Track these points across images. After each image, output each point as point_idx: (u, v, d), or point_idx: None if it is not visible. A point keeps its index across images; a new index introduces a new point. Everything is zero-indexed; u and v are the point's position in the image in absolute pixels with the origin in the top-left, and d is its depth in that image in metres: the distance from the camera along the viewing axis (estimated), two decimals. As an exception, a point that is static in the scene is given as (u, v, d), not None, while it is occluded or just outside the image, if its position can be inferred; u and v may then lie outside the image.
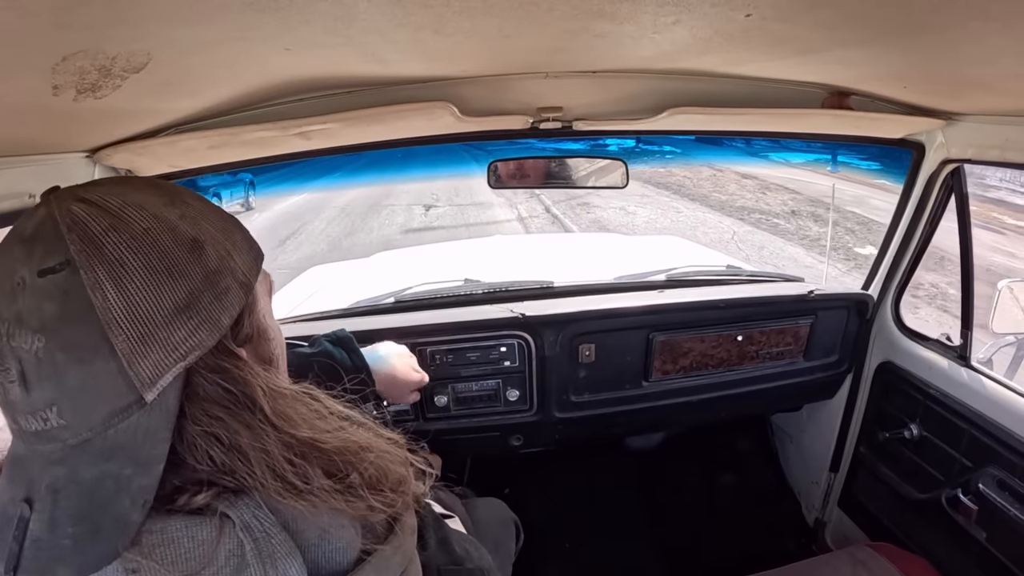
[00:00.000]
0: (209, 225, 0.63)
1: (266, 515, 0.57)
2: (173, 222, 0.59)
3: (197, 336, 0.57)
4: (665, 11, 0.79)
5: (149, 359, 0.54)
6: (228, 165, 1.55)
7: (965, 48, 0.91)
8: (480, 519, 1.52)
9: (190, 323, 0.56)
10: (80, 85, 0.74)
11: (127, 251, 0.55)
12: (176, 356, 0.55)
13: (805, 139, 1.82)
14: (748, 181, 14.32)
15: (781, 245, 9.56)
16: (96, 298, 0.52)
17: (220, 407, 0.58)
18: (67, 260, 0.53)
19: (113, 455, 0.54)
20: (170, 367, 0.55)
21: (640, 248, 3.82)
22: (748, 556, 1.87)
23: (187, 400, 0.57)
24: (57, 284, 0.52)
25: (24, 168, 1.07)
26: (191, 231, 0.60)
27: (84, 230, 0.54)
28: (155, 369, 0.54)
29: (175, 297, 0.56)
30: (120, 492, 0.53)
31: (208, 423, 0.57)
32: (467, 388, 1.91)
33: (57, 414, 0.52)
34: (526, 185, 1.88)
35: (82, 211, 0.55)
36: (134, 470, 0.54)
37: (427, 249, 4.61)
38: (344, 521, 0.62)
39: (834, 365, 2.14)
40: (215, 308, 0.59)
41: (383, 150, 1.68)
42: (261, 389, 0.61)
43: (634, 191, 13.69)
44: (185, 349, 0.56)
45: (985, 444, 1.62)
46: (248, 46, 0.83)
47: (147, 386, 0.54)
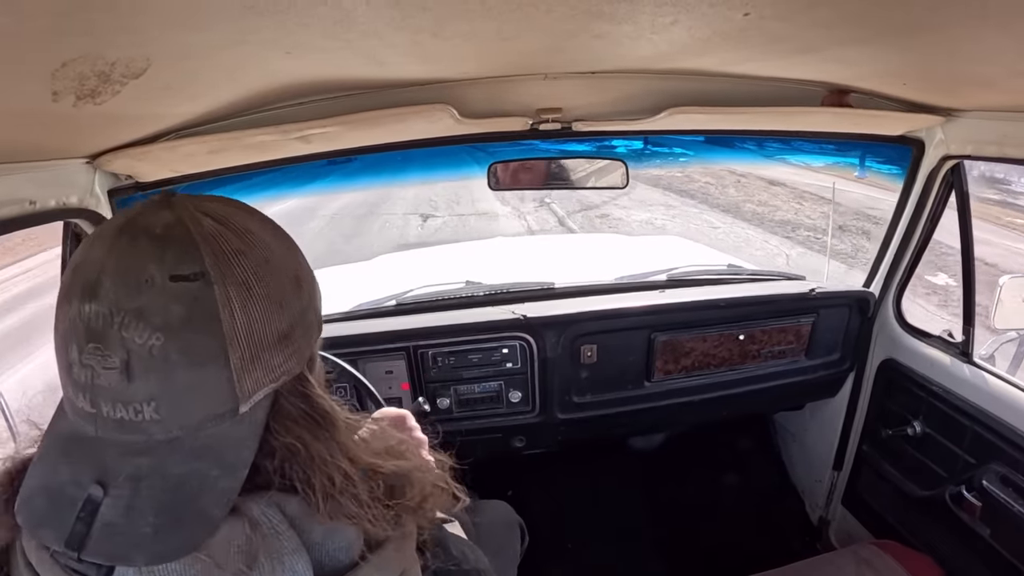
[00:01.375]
0: (303, 265, 0.68)
1: (275, 512, 0.59)
2: (283, 256, 0.65)
3: (290, 363, 0.62)
4: (663, 11, 0.79)
5: (252, 376, 0.58)
6: (229, 169, 1.55)
7: (964, 45, 0.91)
8: (485, 521, 1.52)
9: (286, 351, 0.62)
10: (80, 91, 0.74)
11: (253, 277, 0.59)
12: (272, 377, 0.60)
13: (805, 137, 1.82)
14: (778, 188, 13.03)
15: (843, 272, 7.64)
16: (224, 313, 0.56)
17: (301, 426, 0.63)
18: (202, 272, 0.56)
19: (202, 455, 0.57)
20: (265, 386, 0.60)
21: (641, 248, 3.82)
22: (752, 555, 1.87)
23: (272, 417, 0.62)
24: (189, 291, 0.55)
25: (24, 175, 1.07)
26: (295, 268, 0.66)
27: (217, 247, 0.58)
28: (255, 386, 0.59)
29: (280, 327, 0.61)
30: (205, 490, 0.56)
31: (289, 438, 0.61)
32: (469, 390, 1.91)
33: (154, 409, 0.55)
34: (526, 186, 1.88)
35: (212, 226, 0.59)
36: (221, 472, 0.57)
37: (428, 251, 4.61)
38: (347, 526, 0.63)
39: (836, 363, 2.14)
40: (303, 341, 0.65)
41: (380, 153, 1.68)
42: (339, 416, 0.67)
43: (656, 200, 12.84)
44: (279, 373, 0.61)
45: (988, 440, 1.62)
46: (248, 50, 0.83)
47: (245, 399, 0.58)
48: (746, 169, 14.15)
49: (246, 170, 1.59)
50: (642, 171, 15.02)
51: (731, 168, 14.41)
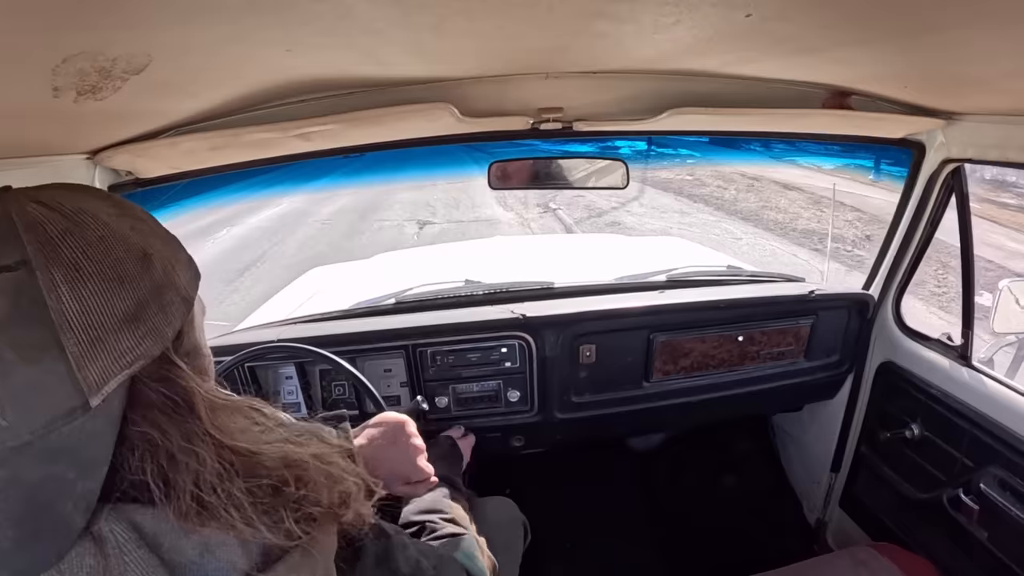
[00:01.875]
0: (155, 240, 0.64)
1: (123, 527, 0.56)
2: (125, 233, 0.60)
3: (143, 345, 0.57)
4: (665, 11, 0.79)
5: (97, 364, 0.53)
6: (229, 166, 1.55)
7: (965, 48, 0.91)
8: (489, 518, 1.52)
9: (137, 332, 0.57)
10: (80, 87, 0.74)
11: (83, 256, 0.55)
12: (123, 363, 0.55)
13: (806, 139, 1.81)
14: (794, 193, 12.15)
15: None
16: (51, 300, 0.52)
17: (161, 413, 0.59)
18: (23, 260, 0.52)
19: (56, 458, 0.53)
20: (116, 373, 0.55)
21: (641, 248, 3.82)
22: (749, 556, 1.87)
23: (129, 407, 0.58)
24: (10, 282, 0.52)
25: (25, 170, 1.07)
26: (141, 244, 0.61)
27: (42, 231, 0.54)
28: (102, 375, 0.54)
29: (125, 305, 0.56)
30: (63, 495, 0.53)
31: (147, 430, 0.58)
32: (468, 389, 1.91)
33: (0, 415, 0.51)
34: (526, 186, 1.88)
35: (39, 212, 0.55)
36: (77, 473, 0.54)
37: (428, 250, 4.61)
38: (230, 539, 0.60)
39: (835, 365, 2.14)
40: (160, 319, 0.60)
41: (378, 152, 1.68)
42: (201, 397, 0.62)
43: (669, 206, 12.24)
44: (131, 357, 0.56)
45: (986, 444, 1.62)
46: (248, 47, 0.83)
47: (93, 391, 0.53)
48: (756, 171, 13.80)
49: (246, 167, 1.59)
50: (649, 174, 14.77)
51: (741, 171, 14.11)
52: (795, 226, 10.37)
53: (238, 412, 0.66)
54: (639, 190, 13.38)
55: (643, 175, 14.65)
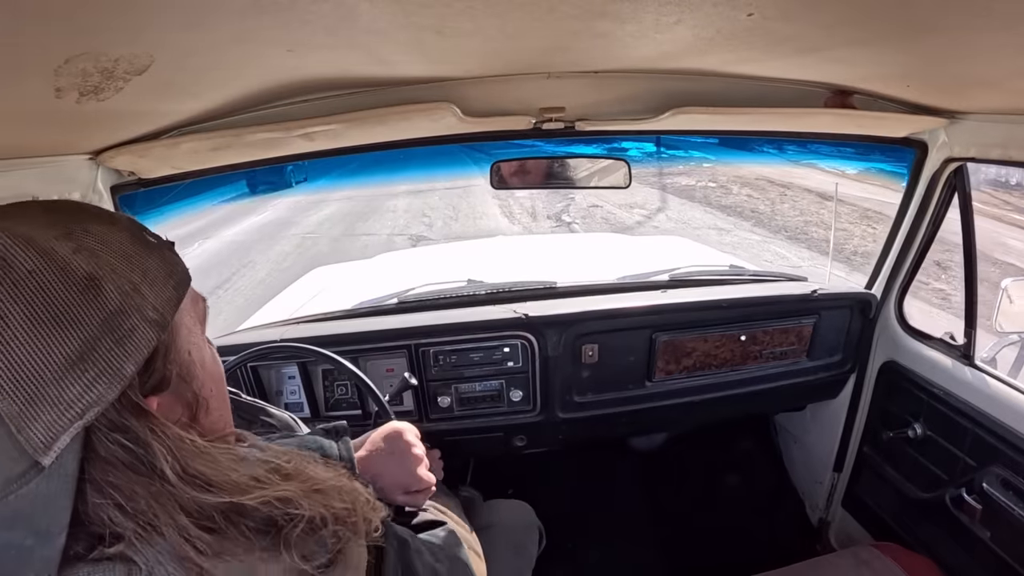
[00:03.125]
0: (111, 255, 0.56)
1: (171, 559, 0.52)
2: (63, 258, 0.52)
3: (94, 391, 0.50)
4: (667, 11, 0.79)
5: (40, 421, 0.47)
6: (231, 166, 1.56)
7: (968, 47, 0.91)
8: (504, 522, 1.52)
9: (85, 376, 0.50)
10: (83, 87, 0.74)
11: (8, 300, 0.48)
12: (71, 415, 0.49)
13: (808, 139, 1.82)
14: (832, 203, 10.69)
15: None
16: None
17: (121, 470, 0.52)
18: None
19: (14, 524, 0.48)
20: (65, 428, 0.48)
21: (643, 248, 3.82)
22: (752, 556, 1.87)
23: (87, 462, 0.51)
24: None
25: (28, 170, 1.07)
26: (86, 267, 0.53)
27: None
28: (48, 431, 0.47)
29: (66, 349, 0.49)
30: (23, 564, 0.49)
31: (108, 491, 0.52)
32: (470, 389, 1.91)
33: None
34: (528, 185, 1.88)
35: None
36: (35, 540, 0.49)
37: (430, 250, 4.61)
38: (273, 566, 0.57)
39: (838, 365, 2.14)
40: (116, 356, 0.52)
41: (378, 152, 1.68)
42: (165, 449, 0.55)
43: (701, 220, 11.13)
44: (81, 407, 0.49)
45: (989, 443, 1.62)
46: (250, 48, 0.83)
47: (41, 451, 0.47)
48: (783, 177, 13.27)
49: (248, 167, 1.59)
50: (667, 180, 14.50)
51: (768, 177, 13.68)
52: (849, 246, 8.73)
53: (217, 454, 0.60)
54: (661, 199, 13.08)
55: (661, 181, 14.29)
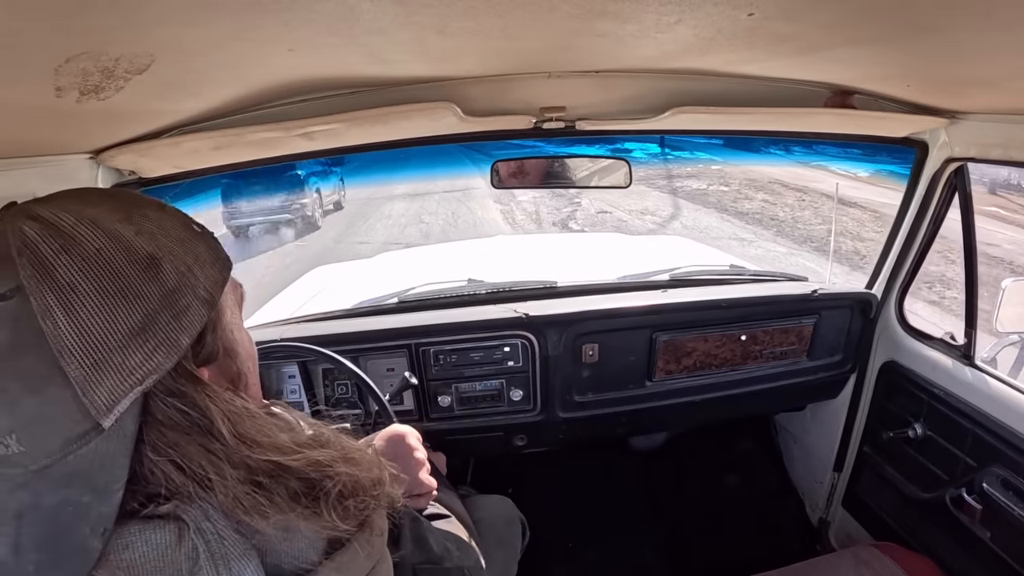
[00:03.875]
0: (168, 239, 0.60)
1: (219, 516, 0.56)
2: (128, 239, 0.57)
3: (154, 359, 0.55)
4: (667, 10, 0.79)
5: (104, 386, 0.52)
6: (232, 166, 1.56)
7: (969, 47, 0.91)
8: (486, 517, 1.53)
9: (146, 346, 0.54)
10: (83, 86, 0.74)
11: (78, 274, 0.53)
12: (132, 381, 0.53)
13: (808, 139, 1.81)
14: (855, 211, 10.34)
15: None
16: (47, 326, 0.50)
17: (178, 432, 0.57)
18: (17, 286, 0.51)
19: (71, 482, 0.52)
20: (126, 393, 0.53)
21: (643, 248, 3.82)
22: (752, 556, 1.87)
23: (145, 425, 0.55)
24: (8, 312, 0.51)
25: (28, 169, 1.07)
26: (147, 248, 0.58)
27: (35, 253, 0.52)
28: (111, 395, 0.52)
29: (130, 320, 0.54)
30: (79, 519, 0.52)
31: (165, 449, 0.56)
32: (471, 388, 1.91)
33: (17, 441, 0.50)
34: (528, 185, 1.88)
35: (34, 231, 0.53)
36: (92, 497, 0.52)
37: (430, 249, 4.61)
38: (312, 523, 0.60)
39: (838, 364, 2.14)
40: (173, 329, 0.57)
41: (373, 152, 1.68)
42: (221, 412, 0.59)
43: (720, 229, 10.52)
44: (142, 373, 0.54)
45: (989, 443, 1.62)
46: (251, 47, 0.83)
47: (103, 413, 0.51)
48: (796, 180, 12.80)
49: (249, 166, 1.59)
50: (677, 184, 14.22)
51: (780, 180, 13.29)
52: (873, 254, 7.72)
53: (263, 419, 0.64)
54: (673, 204, 12.72)
55: (670, 185, 13.89)
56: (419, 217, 12.54)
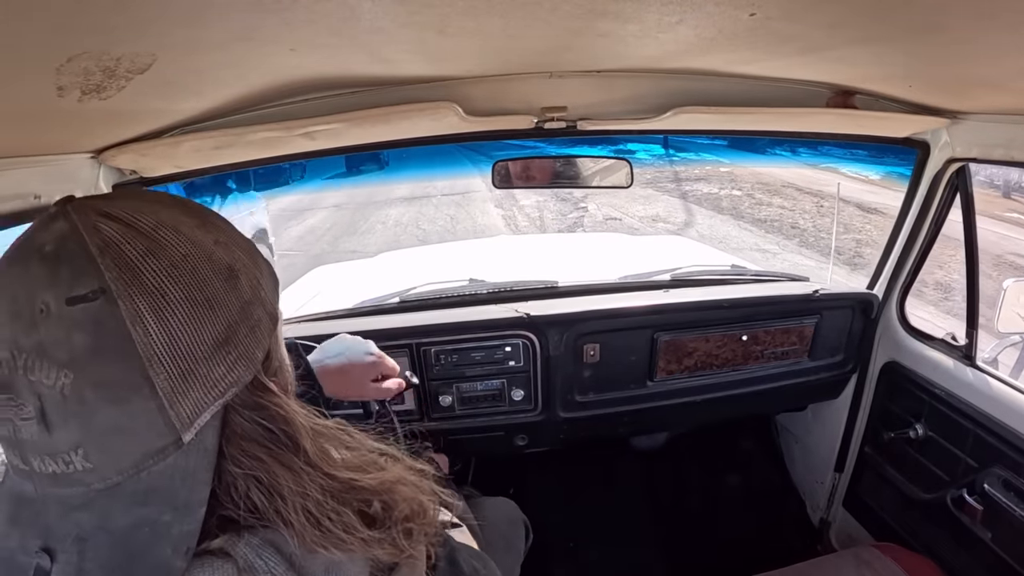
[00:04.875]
0: (240, 251, 0.59)
1: (271, 554, 0.53)
2: (209, 248, 0.55)
3: (236, 372, 0.54)
4: (669, 10, 0.79)
5: (190, 397, 0.50)
6: (233, 165, 1.56)
7: (970, 47, 0.91)
8: (489, 518, 1.53)
9: (229, 358, 0.53)
10: (85, 86, 0.74)
11: (168, 280, 0.51)
12: (216, 393, 0.52)
13: (810, 139, 1.82)
14: (877, 217, 9.86)
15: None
16: (137, 332, 0.48)
17: (260, 446, 0.55)
18: (101, 288, 0.48)
19: (148, 499, 0.49)
20: (209, 405, 0.51)
21: (645, 248, 3.82)
22: (752, 556, 1.87)
23: (225, 440, 0.54)
24: (90, 314, 0.47)
25: (29, 169, 1.07)
26: (226, 258, 0.56)
27: (118, 254, 0.49)
28: (195, 408, 0.50)
29: (215, 331, 0.52)
30: (159, 539, 0.49)
31: (248, 464, 0.54)
32: (472, 388, 1.91)
33: (83, 457, 0.48)
34: (530, 184, 1.88)
35: (112, 230, 0.50)
36: (173, 516, 0.50)
37: (431, 249, 4.61)
38: (347, 558, 0.58)
39: (839, 365, 2.14)
40: (251, 341, 0.56)
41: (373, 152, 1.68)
42: (303, 427, 0.58)
43: (740, 239, 9.88)
44: (224, 385, 0.53)
45: (990, 444, 1.62)
46: (253, 46, 0.83)
47: (186, 426, 0.50)
48: (809, 184, 12.32)
49: (250, 166, 1.60)
50: (687, 187, 13.62)
51: (793, 183, 12.87)
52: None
53: (333, 437, 0.63)
54: (686, 210, 12.24)
55: (680, 189, 13.59)
56: (416, 223, 12.01)
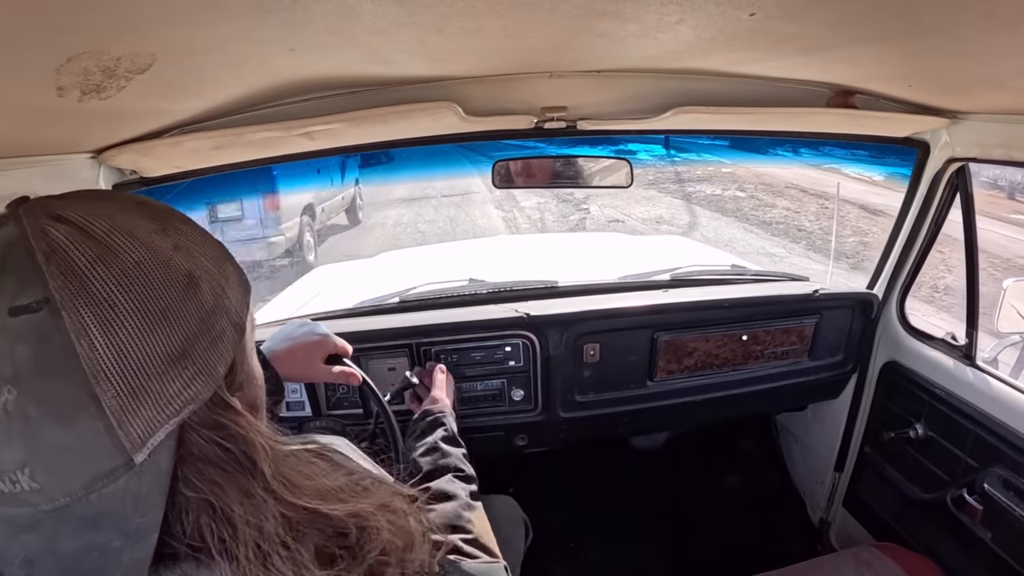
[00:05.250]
0: (203, 256, 0.55)
1: None
2: (167, 254, 0.52)
3: (193, 388, 0.50)
4: (669, 10, 0.79)
5: (141, 416, 0.46)
6: (233, 165, 1.55)
7: (970, 47, 0.91)
8: (489, 517, 1.53)
9: (185, 373, 0.49)
10: (85, 86, 0.74)
11: (117, 289, 0.47)
12: (170, 411, 0.48)
13: (810, 138, 1.82)
14: (884, 219, 8.98)
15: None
16: (82, 346, 0.45)
17: (217, 468, 0.51)
18: (46, 298, 0.45)
19: (98, 523, 0.46)
20: (163, 424, 0.48)
21: (645, 247, 3.82)
22: (752, 556, 1.87)
23: (180, 461, 0.50)
24: (33, 326, 0.45)
25: (29, 169, 1.07)
26: (186, 265, 0.53)
27: (65, 260, 0.46)
28: (147, 427, 0.47)
29: (170, 344, 0.49)
30: (109, 566, 0.47)
31: (202, 488, 0.50)
32: (472, 388, 1.91)
33: (29, 476, 0.44)
34: (530, 184, 1.88)
35: (62, 235, 0.47)
36: (124, 542, 0.47)
37: (431, 249, 4.61)
38: None
39: (839, 365, 2.14)
40: (211, 355, 0.52)
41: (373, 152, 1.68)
42: (263, 449, 0.54)
43: (750, 244, 9.41)
44: (180, 403, 0.49)
45: (990, 444, 1.62)
46: (252, 47, 0.83)
47: (137, 447, 0.46)
48: (814, 186, 11.99)
49: (250, 166, 1.59)
50: (692, 190, 13.07)
51: (797, 184, 12.55)
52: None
53: (301, 460, 0.59)
54: (689, 212, 11.81)
55: (683, 190, 13.19)
56: (416, 226, 11.52)
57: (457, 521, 0.99)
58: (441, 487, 1.05)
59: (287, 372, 1.24)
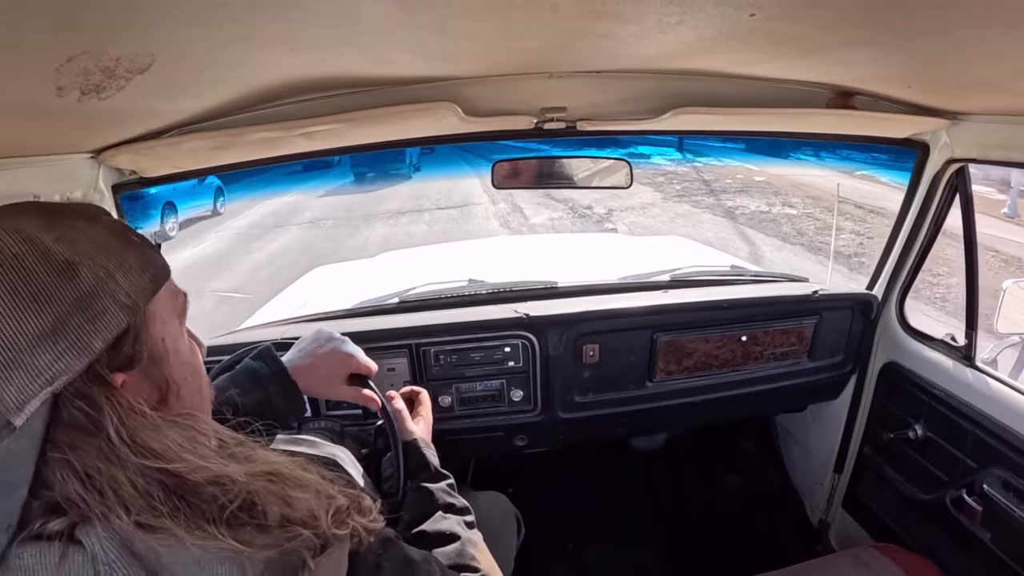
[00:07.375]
0: (89, 246, 0.62)
1: (113, 546, 0.55)
2: (45, 245, 0.59)
3: (63, 360, 0.56)
4: (669, 11, 0.79)
5: (13, 385, 0.53)
6: (232, 165, 1.55)
7: (970, 48, 0.91)
8: (481, 513, 1.53)
9: (56, 347, 0.56)
10: (84, 86, 0.74)
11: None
12: (42, 381, 0.55)
13: (810, 139, 1.82)
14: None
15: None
16: None
17: (78, 433, 0.58)
18: None
19: None
20: (36, 392, 0.54)
21: (644, 248, 3.82)
22: (751, 557, 1.87)
23: (52, 425, 0.57)
24: None
25: (30, 168, 1.07)
26: (65, 253, 0.59)
27: None
28: (20, 394, 0.53)
29: (40, 322, 0.55)
30: None
31: (64, 449, 0.57)
32: (471, 388, 1.90)
33: None
34: (530, 185, 1.88)
35: None
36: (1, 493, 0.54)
37: (431, 249, 4.61)
38: (226, 556, 0.58)
39: (838, 365, 2.14)
40: (86, 332, 0.58)
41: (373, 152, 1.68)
42: (116, 416, 0.59)
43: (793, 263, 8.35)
44: (51, 374, 0.55)
45: (990, 445, 1.62)
46: (252, 47, 0.83)
47: (13, 412, 0.53)
48: (871, 202, 11.02)
49: (249, 166, 1.59)
50: (731, 207, 12.00)
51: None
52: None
53: (168, 428, 0.63)
54: (742, 237, 10.35)
55: (720, 204, 12.23)
56: (409, 237, 11.21)
57: (460, 559, 1.01)
58: (436, 528, 1.07)
59: (307, 387, 1.24)
